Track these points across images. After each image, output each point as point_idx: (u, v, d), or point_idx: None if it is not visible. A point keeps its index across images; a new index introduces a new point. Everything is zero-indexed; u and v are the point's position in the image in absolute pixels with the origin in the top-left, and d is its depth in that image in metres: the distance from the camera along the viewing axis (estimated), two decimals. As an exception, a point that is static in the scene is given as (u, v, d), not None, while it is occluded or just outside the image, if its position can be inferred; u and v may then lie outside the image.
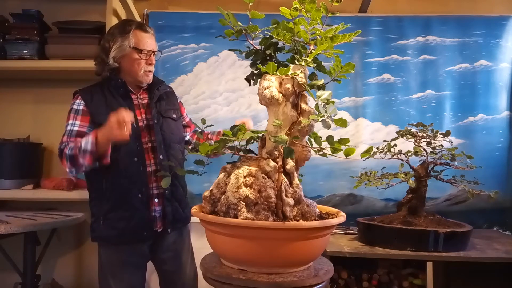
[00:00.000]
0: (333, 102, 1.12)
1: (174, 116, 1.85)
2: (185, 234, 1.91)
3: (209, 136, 1.93)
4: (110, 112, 1.59)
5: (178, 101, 1.98)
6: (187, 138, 1.99)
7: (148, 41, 1.77)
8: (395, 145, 2.03)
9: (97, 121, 1.68)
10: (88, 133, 1.62)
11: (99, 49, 1.83)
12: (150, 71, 1.78)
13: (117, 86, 1.75)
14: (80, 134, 1.66)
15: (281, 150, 1.18)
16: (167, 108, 1.84)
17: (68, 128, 1.69)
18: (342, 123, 1.08)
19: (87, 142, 1.55)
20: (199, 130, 1.73)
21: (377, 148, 2.01)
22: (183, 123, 1.98)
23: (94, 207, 1.77)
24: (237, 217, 1.11)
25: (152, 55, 1.78)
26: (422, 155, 1.98)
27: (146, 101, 1.81)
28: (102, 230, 1.72)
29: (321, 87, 1.20)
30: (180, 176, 1.81)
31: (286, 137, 1.13)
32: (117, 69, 1.76)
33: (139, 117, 1.75)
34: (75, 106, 1.73)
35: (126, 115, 1.49)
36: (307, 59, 1.20)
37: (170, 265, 1.85)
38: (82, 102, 1.72)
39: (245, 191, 1.14)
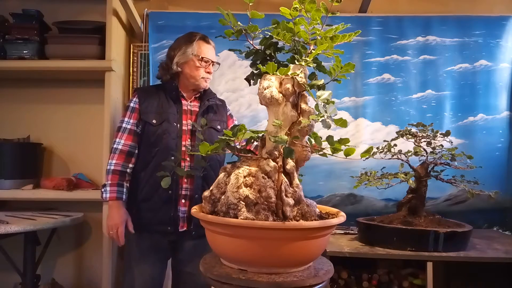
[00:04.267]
0: (333, 102, 1.12)
1: (218, 127, 1.95)
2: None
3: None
4: (160, 111, 1.84)
5: (228, 113, 2.07)
6: None
7: (209, 51, 1.92)
8: (395, 145, 2.03)
9: (144, 118, 1.86)
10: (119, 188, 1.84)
11: (165, 56, 2.00)
12: (208, 78, 1.92)
13: (171, 89, 1.91)
14: (131, 133, 1.86)
15: (281, 150, 1.17)
16: (214, 119, 1.94)
17: (123, 125, 1.88)
18: (342, 123, 1.08)
19: (106, 193, 1.81)
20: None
21: (377, 148, 2.01)
22: None
23: (131, 195, 1.88)
24: (237, 217, 1.11)
25: (211, 64, 1.92)
26: (422, 155, 1.98)
27: (196, 109, 1.94)
28: (133, 217, 1.85)
29: (321, 87, 1.20)
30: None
31: (286, 137, 1.13)
32: (178, 74, 1.91)
33: (184, 121, 1.87)
34: (131, 104, 1.91)
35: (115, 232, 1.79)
36: (307, 59, 1.20)
37: (186, 266, 1.88)
38: (137, 100, 1.90)
39: (245, 191, 1.14)
